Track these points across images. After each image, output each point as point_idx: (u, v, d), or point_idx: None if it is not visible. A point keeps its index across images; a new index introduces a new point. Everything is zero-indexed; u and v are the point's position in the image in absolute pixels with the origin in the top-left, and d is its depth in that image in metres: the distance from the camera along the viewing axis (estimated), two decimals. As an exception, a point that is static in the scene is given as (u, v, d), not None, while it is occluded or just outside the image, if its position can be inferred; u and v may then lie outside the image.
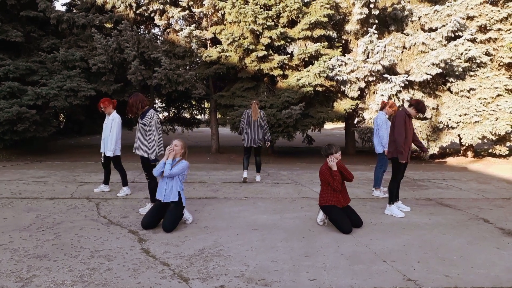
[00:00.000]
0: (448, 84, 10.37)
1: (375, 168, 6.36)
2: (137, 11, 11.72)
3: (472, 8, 10.37)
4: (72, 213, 4.97)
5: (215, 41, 11.34)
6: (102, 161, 6.21)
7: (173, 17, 11.28)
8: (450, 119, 9.81)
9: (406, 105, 9.55)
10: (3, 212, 4.93)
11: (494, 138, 9.80)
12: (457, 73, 9.84)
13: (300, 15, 10.23)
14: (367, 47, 9.75)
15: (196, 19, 11.61)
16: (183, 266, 3.35)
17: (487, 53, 10.29)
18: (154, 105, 14.11)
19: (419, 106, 5.13)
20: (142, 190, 6.41)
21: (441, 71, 9.45)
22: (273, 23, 10.08)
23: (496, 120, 9.61)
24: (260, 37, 10.18)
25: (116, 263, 3.37)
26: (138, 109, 4.98)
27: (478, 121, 9.70)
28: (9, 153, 10.76)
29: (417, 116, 5.96)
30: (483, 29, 10.43)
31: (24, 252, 3.59)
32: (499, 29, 10.31)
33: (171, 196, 4.45)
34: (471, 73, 10.21)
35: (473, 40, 10.11)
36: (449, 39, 9.76)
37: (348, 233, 4.24)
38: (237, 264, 3.39)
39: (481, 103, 9.87)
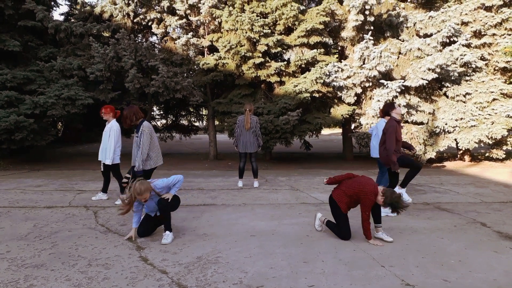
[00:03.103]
0: (444, 89, 10.44)
1: (378, 177, 6.30)
2: (135, 20, 11.79)
3: (466, 14, 10.47)
4: (70, 221, 4.96)
5: (212, 49, 11.40)
6: (102, 169, 6.21)
7: (170, 25, 11.35)
8: (446, 124, 9.85)
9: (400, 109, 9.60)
10: (1, 222, 4.92)
11: (490, 142, 9.84)
12: (452, 78, 9.90)
13: (296, 23, 10.31)
14: (363, 53, 9.82)
15: (193, 27, 11.67)
16: (181, 273, 3.34)
17: (482, 58, 10.36)
18: (152, 113, 14.12)
19: (390, 107, 5.27)
20: (140, 198, 6.39)
21: (437, 76, 9.51)
22: (269, 31, 10.15)
23: (492, 124, 9.66)
24: (257, 44, 10.24)
25: (114, 272, 3.37)
26: (132, 121, 5.00)
27: (474, 125, 9.75)
28: (7, 162, 10.73)
29: (402, 117, 6.08)
30: (477, 34, 10.52)
31: (21, 262, 3.58)
32: (494, 34, 10.40)
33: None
34: (467, 78, 10.28)
35: (468, 45, 10.20)
36: (444, 44, 9.84)
37: (347, 239, 4.25)
38: (236, 271, 3.39)
39: (477, 108, 9.93)
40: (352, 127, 12.56)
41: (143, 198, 4.06)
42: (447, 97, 10.40)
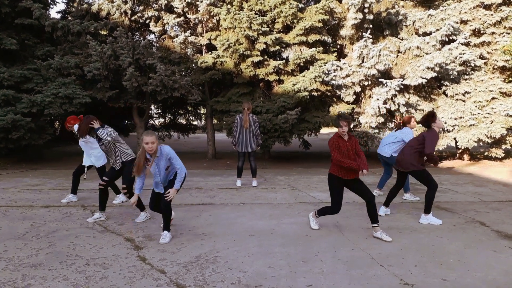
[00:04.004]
0: (443, 88, 10.43)
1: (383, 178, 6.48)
2: (132, 18, 11.73)
3: (465, 12, 10.45)
4: (68, 221, 4.93)
5: (211, 47, 11.36)
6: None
7: (168, 23, 11.29)
8: (445, 123, 9.84)
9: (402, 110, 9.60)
10: (-2, 221, 4.89)
11: (489, 141, 9.83)
12: (452, 77, 9.89)
13: (295, 21, 10.28)
14: (362, 51, 9.80)
15: (191, 25, 11.62)
16: (179, 273, 3.32)
17: (481, 57, 10.35)
18: (150, 112, 14.09)
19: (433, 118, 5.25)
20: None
21: (436, 75, 9.49)
22: (268, 29, 10.11)
23: (491, 123, 9.65)
24: (255, 42, 10.21)
25: (112, 271, 3.35)
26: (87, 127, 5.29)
27: (474, 124, 9.75)
28: (4, 161, 10.69)
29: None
30: (476, 33, 10.51)
31: (19, 261, 3.56)
32: (493, 33, 10.39)
33: (168, 181, 4.36)
34: (466, 77, 10.26)
35: (467, 44, 10.18)
36: (443, 43, 9.82)
37: (336, 212, 4.35)
38: (234, 271, 3.37)
39: (476, 106, 9.92)
40: (351, 126, 12.56)
41: (151, 142, 4.03)
42: (446, 96, 10.40)
